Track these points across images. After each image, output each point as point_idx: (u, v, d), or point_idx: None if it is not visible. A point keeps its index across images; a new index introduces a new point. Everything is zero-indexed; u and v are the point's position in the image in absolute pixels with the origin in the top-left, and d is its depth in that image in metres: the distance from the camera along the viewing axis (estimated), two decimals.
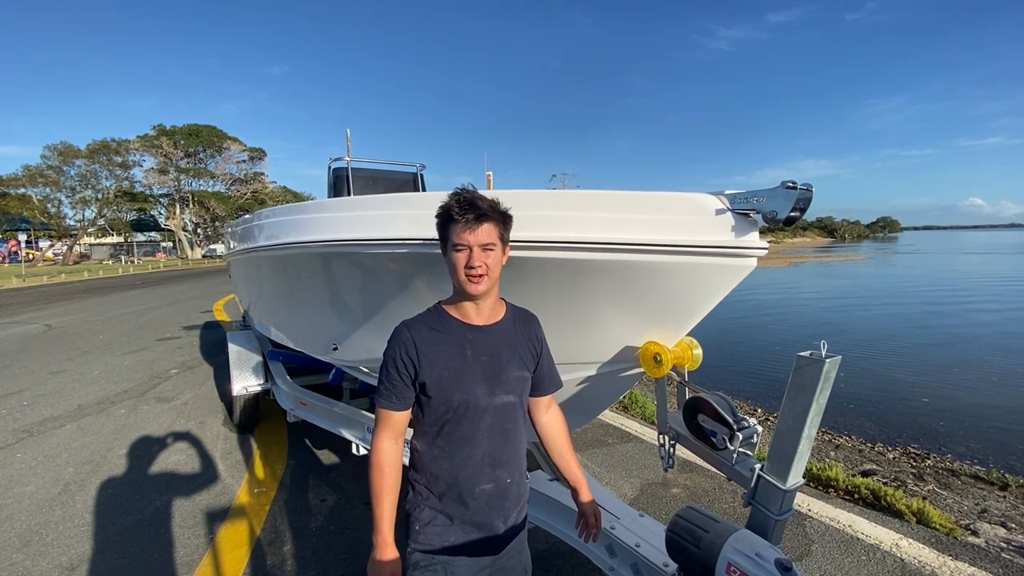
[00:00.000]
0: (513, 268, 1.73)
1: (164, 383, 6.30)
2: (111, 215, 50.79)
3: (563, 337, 1.91)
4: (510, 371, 1.43)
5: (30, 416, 5.19)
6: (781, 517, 1.62)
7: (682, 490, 3.54)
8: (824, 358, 1.48)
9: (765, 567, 1.42)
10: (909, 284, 23.99)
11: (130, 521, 3.18)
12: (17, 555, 2.85)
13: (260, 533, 3.04)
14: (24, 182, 43.19)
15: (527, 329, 1.52)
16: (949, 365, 9.17)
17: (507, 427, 1.44)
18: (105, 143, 46.10)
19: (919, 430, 6.19)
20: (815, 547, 2.84)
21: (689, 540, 1.64)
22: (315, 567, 2.72)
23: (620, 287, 1.75)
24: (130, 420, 4.99)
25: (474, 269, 1.31)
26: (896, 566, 2.67)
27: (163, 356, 7.80)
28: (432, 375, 1.35)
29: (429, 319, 1.42)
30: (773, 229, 1.56)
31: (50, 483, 3.71)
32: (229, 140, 54.93)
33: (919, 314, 14.97)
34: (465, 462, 1.39)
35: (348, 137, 5.42)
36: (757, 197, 1.46)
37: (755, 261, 1.58)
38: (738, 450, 1.72)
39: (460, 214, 1.31)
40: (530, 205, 1.72)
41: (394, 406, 1.38)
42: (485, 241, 1.32)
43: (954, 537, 2.97)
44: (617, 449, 4.26)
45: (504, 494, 1.45)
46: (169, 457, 4.14)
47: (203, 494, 3.51)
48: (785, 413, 1.60)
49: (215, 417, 5.03)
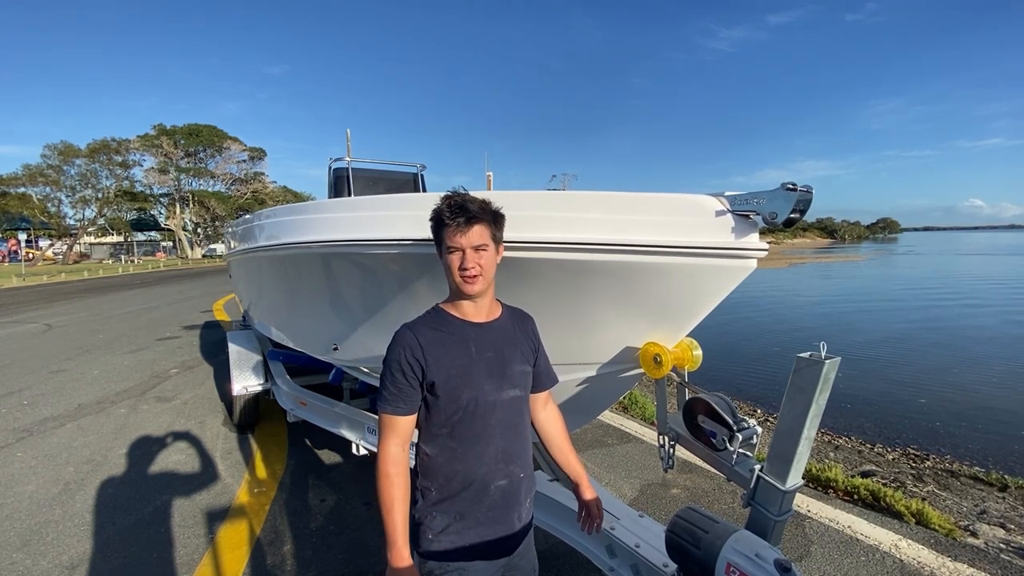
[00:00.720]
0: (513, 269, 1.73)
1: (164, 383, 6.30)
2: (111, 215, 50.79)
3: (563, 338, 1.92)
4: (514, 365, 1.45)
5: (30, 415, 5.19)
6: (781, 518, 1.62)
7: (681, 491, 3.54)
8: (824, 359, 1.49)
9: (765, 567, 1.43)
10: (907, 285, 24.10)
11: (130, 520, 3.18)
12: (17, 554, 2.85)
13: (260, 533, 3.04)
14: (24, 181, 43.17)
15: (524, 326, 1.55)
16: (948, 366, 9.19)
17: (516, 421, 1.46)
18: (105, 142, 46.09)
19: (918, 431, 6.20)
20: (814, 548, 2.84)
21: (689, 540, 1.64)
22: (315, 567, 2.72)
23: (620, 288, 1.76)
24: (130, 420, 4.99)
25: (467, 270, 1.34)
26: (895, 567, 2.67)
27: (163, 356, 7.80)
28: (440, 374, 1.36)
29: (430, 320, 1.44)
30: (773, 230, 1.56)
31: (50, 482, 3.71)
32: (229, 140, 54.92)
33: (919, 313, 15.02)
34: (479, 460, 1.40)
35: (348, 137, 5.42)
36: (757, 199, 1.46)
37: (755, 262, 1.58)
38: (738, 451, 1.72)
39: (451, 218, 1.34)
40: (530, 206, 1.72)
41: (400, 411, 1.37)
42: (477, 243, 1.35)
43: (953, 538, 2.97)
44: (617, 450, 4.26)
45: (518, 489, 1.46)
46: (169, 457, 4.14)
47: (203, 494, 3.51)
48: (785, 414, 1.60)
49: (215, 417, 5.03)
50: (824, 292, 22.15)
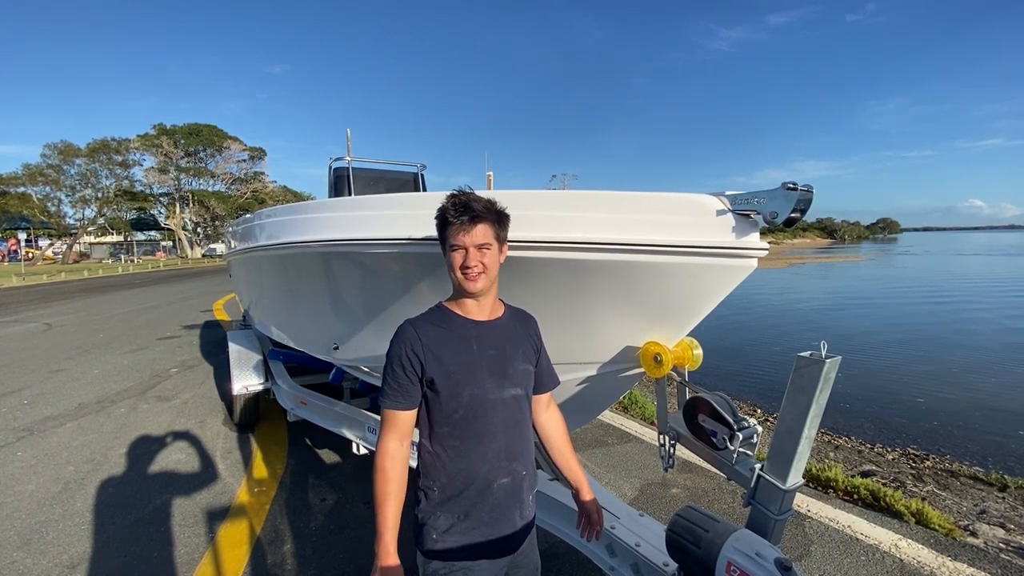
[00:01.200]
0: (514, 268, 1.73)
1: (164, 382, 6.30)
2: (111, 214, 50.81)
3: (564, 337, 1.92)
4: (516, 364, 1.45)
5: (30, 415, 5.19)
6: (781, 517, 1.62)
7: (681, 490, 3.54)
8: (824, 359, 1.49)
9: (765, 566, 1.43)
10: (905, 285, 24.13)
11: (130, 520, 3.18)
12: (18, 553, 2.85)
13: (260, 532, 3.04)
14: (24, 181, 43.21)
15: (526, 326, 1.55)
16: (948, 365, 9.19)
17: (518, 419, 1.46)
18: (105, 142, 46.13)
19: (918, 431, 6.20)
20: (814, 547, 2.84)
21: (689, 539, 1.64)
22: (315, 566, 2.72)
23: (621, 287, 1.76)
24: (130, 419, 4.99)
25: (470, 269, 1.35)
26: (895, 566, 2.67)
27: (163, 355, 7.80)
28: (440, 371, 1.36)
29: (433, 317, 1.44)
30: (773, 230, 1.56)
31: (50, 482, 3.71)
32: (229, 139, 54.93)
33: (918, 313, 15.03)
34: (482, 458, 1.40)
35: (348, 137, 5.42)
36: (758, 198, 1.46)
37: (755, 262, 1.58)
38: (738, 450, 1.72)
39: (455, 216, 1.35)
40: (531, 205, 1.72)
41: (400, 405, 1.38)
42: (480, 241, 1.36)
43: (953, 538, 2.97)
44: (617, 449, 4.26)
45: (520, 486, 1.47)
46: (169, 456, 4.14)
47: (203, 493, 3.51)
48: (785, 413, 1.60)
49: (215, 416, 5.03)
50: (827, 291, 22.16)
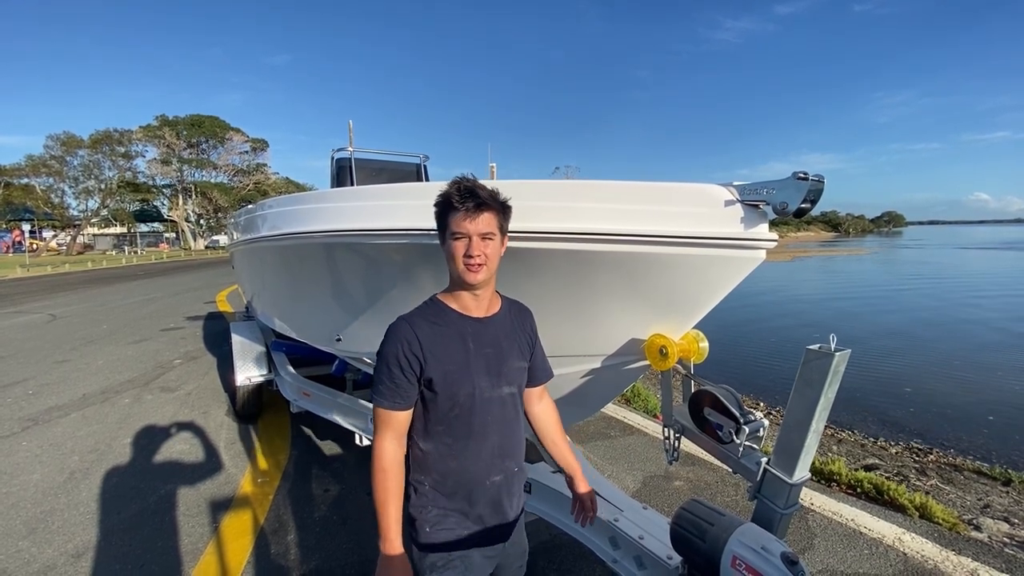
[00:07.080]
0: (518, 259, 1.71)
1: (168, 373, 6.32)
2: (114, 206, 50.86)
3: (568, 329, 1.90)
4: (511, 362, 1.43)
5: (35, 405, 5.22)
6: (787, 511, 1.61)
7: (684, 483, 3.54)
8: (834, 352, 1.46)
9: (771, 561, 1.42)
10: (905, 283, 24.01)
11: (134, 509, 3.20)
12: (23, 542, 2.87)
13: (264, 522, 3.05)
14: (28, 172, 43.29)
15: (522, 320, 1.53)
16: (950, 364, 9.15)
17: (511, 417, 1.45)
18: (108, 133, 46.12)
19: (922, 425, 6.18)
20: (818, 541, 2.83)
21: (694, 533, 1.63)
22: (318, 556, 2.73)
23: (626, 279, 1.73)
24: (134, 409, 5.01)
25: (473, 258, 1.30)
26: (899, 560, 2.67)
27: (167, 346, 7.83)
28: (438, 370, 1.33)
29: (428, 313, 1.40)
30: (782, 222, 1.52)
31: (55, 471, 3.73)
32: (232, 131, 54.82)
33: (919, 311, 14.96)
34: (476, 457, 1.39)
35: (351, 128, 5.38)
36: (768, 188, 1.43)
37: (764, 253, 1.55)
38: (744, 444, 1.70)
39: (460, 202, 1.29)
40: (535, 196, 1.69)
41: (397, 406, 1.35)
42: (484, 230, 1.31)
43: (957, 532, 2.96)
44: (620, 442, 4.26)
45: (511, 482, 1.47)
46: (173, 446, 4.15)
47: (207, 483, 3.53)
48: (793, 406, 1.58)
49: (219, 407, 5.05)
50: (833, 285, 22.05)
